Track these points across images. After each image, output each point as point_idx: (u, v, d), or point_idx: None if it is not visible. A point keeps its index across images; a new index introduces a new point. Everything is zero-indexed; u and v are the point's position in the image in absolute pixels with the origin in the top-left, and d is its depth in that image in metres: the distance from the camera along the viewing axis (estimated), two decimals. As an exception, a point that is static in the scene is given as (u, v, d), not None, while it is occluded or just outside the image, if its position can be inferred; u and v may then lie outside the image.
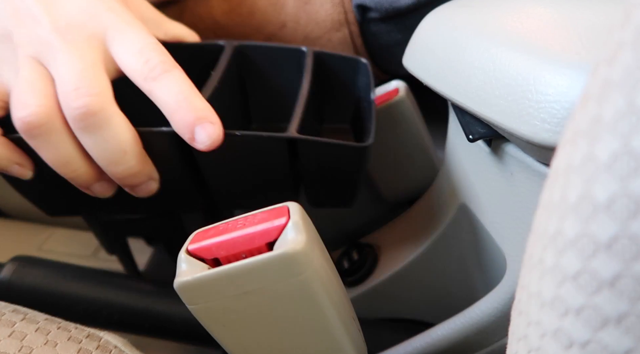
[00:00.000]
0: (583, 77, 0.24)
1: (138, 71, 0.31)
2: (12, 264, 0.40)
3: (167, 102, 0.31)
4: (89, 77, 0.30)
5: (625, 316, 0.14)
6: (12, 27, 0.32)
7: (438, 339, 0.36)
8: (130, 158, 0.31)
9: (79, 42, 0.32)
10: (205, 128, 0.31)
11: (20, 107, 0.30)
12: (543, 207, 0.18)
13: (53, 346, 0.27)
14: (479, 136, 0.31)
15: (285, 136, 0.32)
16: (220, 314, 0.24)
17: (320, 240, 0.25)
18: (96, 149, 0.31)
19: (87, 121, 0.30)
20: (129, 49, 0.32)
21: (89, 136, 0.31)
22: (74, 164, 0.32)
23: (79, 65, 0.31)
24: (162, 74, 0.31)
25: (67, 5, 0.32)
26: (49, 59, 0.31)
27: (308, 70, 0.39)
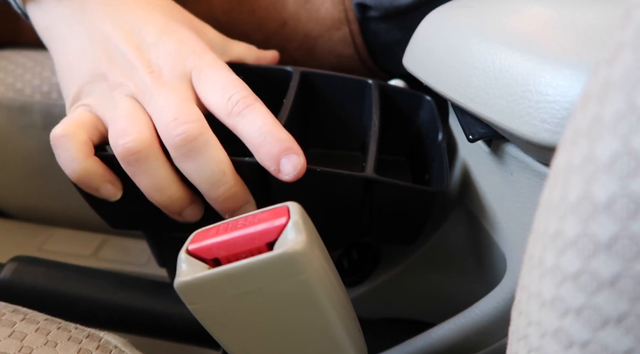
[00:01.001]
0: (583, 77, 0.24)
1: (222, 108, 0.33)
2: (12, 264, 0.40)
3: (252, 136, 0.32)
4: (185, 108, 0.32)
5: (625, 316, 0.14)
6: (105, 68, 0.35)
7: (438, 339, 0.36)
8: (229, 179, 0.32)
9: (171, 82, 0.34)
10: (290, 159, 0.32)
11: (122, 135, 0.32)
12: (543, 207, 0.18)
13: (53, 346, 0.27)
14: (479, 136, 0.31)
15: (364, 176, 0.33)
16: (220, 314, 0.24)
17: (320, 240, 0.25)
18: (198, 173, 0.32)
19: (188, 146, 0.31)
20: (212, 87, 0.34)
21: (190, 161, 0.32)
22: (169, 190, 0.33)
23: (175, 100, 0.33)
24: (245, 109, 0.33)
25: (158, 49, 0.35)
26: (146, 97, 0.33)
27: (376, 105, 0.39)
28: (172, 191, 0.33)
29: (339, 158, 0.43)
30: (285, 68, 0.41)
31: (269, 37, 0.48)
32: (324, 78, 0.41)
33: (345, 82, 0.41)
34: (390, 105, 0.41)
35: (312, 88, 0.41)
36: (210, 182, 0.32)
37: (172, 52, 0.35)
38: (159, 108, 0.33)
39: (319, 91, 0.41)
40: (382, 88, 0.41)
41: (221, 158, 0.32)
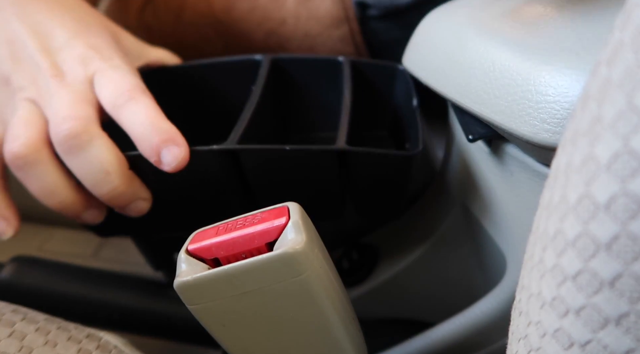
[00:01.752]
0: (583, 77, 0.24)
1: (108, 101, 0.33)
2: (12, 264, 0.40)
3: (133, 128, 0.32)
4: (76, 107, 0.32)
5: (625, 316, 0.14)
6: (10, 71, 0.34)
7: (438, 339, 0.36)
8: (113, 179, 0.32)
9: (74, 85, 0.33)
10: (170, 150, 0.32)
11: (10, 140, 0.32)
12: (543, 207, 0.18)
13: (53, 346, 0.27)
14: (479, 136, 0.31)
15: (336, 148, 0.32)
16: (220, 314, 0.24)
17: (320, 240, 0.25)
18: (80, 171, 0.32)
19: (70, 142, 0.31)
20: (106, 86, 0.34)
21: (73, 157, 0.32)
22: (60, 194, 0.33)
23: (69, 100, 0.33)
24: (129, 102, 0.33)
25: (66, 53, 0.34)
26: (46, 101, 0.33)
27: (347, 80, 0.39)
28: (63, 196, 0.33)
29: (319, 140, 0.42)
30: (254, 57, 0.40)
31: (268, 36, 0.48)
32: (294, 62, 0.41)
33: (316, 63, 0.41)
34: (364, 80, 0.41)
35: (285, 74, 0.41)
36: (93, 181, 0.32)
37: (79, 57, 0.35)
38: (53, 109, 0.32)
39: (291, 75, 0.41)
40: (354, 64, 0.40)
41: (105, 157, 0.32)
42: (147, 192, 0.34)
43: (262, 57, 0.40)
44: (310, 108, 0.42)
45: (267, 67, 0.39)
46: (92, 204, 0.34)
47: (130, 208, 0.34)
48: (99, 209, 0.35)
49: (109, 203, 0.33)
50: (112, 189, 0.32)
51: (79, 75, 0.34)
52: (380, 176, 0.34)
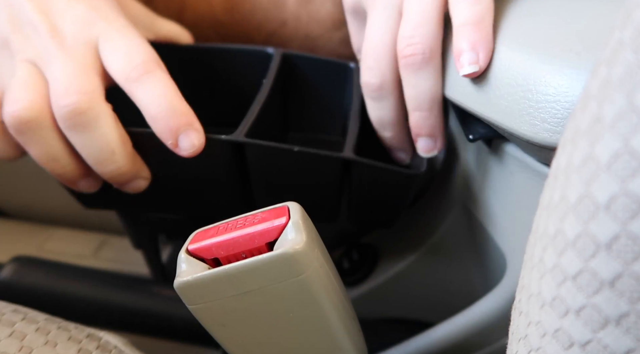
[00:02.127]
0: (583, 77, 0.24)
1: (120, 72, 0.31)
2: (12, 264, 0.40)
3: (149, 105, 0.31)
4: (80, 78, 0.31)
5: (625, 316, 0.14)
6: (9, 33, 0.33)
7: (438, 339, 0.36)
8: (118, 158, 0.31)
9: (75, 49, 0.32)
10: (189, 135, 0.31)
11: (12, 103, 0.31)
12: (543, 207, 0.18)
13: (53, 346, 0.27)
14: (479, 136, 0.31)
15: (343, 157, 0.32)
16: (220, 314, 0.24)
17: (320, 240, 0.25)
18: (85, 149, 0.31)
19: (75, 119, 0.30)
20: (115, 52, 0.32)
21: (77, 135, 0.31)
22: (61, 161, 0.32)
23: (72, 67, 0.31)
24: (145, 75, 0.31)
25: (65, 14, 0.33)
26: (46, 64, 0.32)
27: (357, 87, 0.38)
28: (64, 162, 0.32)
29: (320, 142, 0.42)
30: (266, 49, 0.40)
31: (269, 37, 0.48)
32: (305, 60, 0.41)
33: (326, 65, 0.41)
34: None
35: (293, 70, 0.41)
36: (96, 160, 0.31)
37: (80, 17, 0.33)
38: (55, 75, 0.31)
39: (300, 73, 0.41)
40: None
41: (110, 137, 0.31)
42: (148, 171, 0.34)
43: (274, 50, 0.40)
44: (313, 108, 0.42)
45: (279, 61, 0.39)
46: (91, 173, 0.33)
47: (129, 186, 0.33)
48: (95, 178, 0.34)
49: (109, 180, 0.33)
50: (116, 168, 0.32)
51: (80, 37, 0.32)
52: (381, 189, 0.34)
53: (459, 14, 0.29)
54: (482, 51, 0.28)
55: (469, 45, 0.28)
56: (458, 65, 0.29)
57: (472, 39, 0.28)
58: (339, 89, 0.41)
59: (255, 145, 0.32)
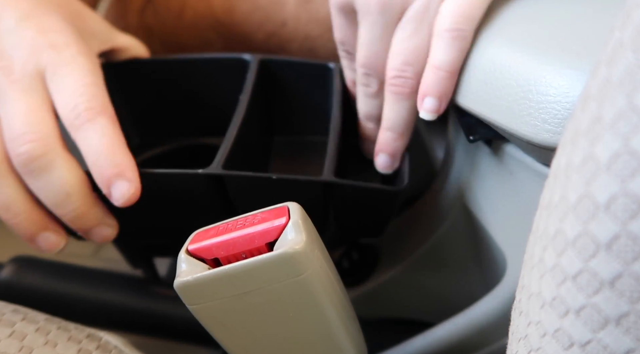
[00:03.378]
0: (583, 78, 0.24)
1: (65, 118, 0.31)
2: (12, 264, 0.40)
3: (87, 154, 0.31)
4: (34, 122, 0.31)
5: (625, 316, 0.14)
6: None
7: (438, 339, 0.36)
8: (74, 200, 0.31)
9: (23, 81, 0.32)
10: (119, 187, 0.31)
11: None
12: (543, 207, 0.18)
13: (53, 346, 0.27)
14: (479, 137, 0.31)
15: (322, 180, 0.32)
16: (220, 314, 0.24)
17: (320, 240, 0.25)
18: (42, 192, 0.31)
19: (30, 165, 0.30)
20: (61, 92, 0.32)
21: (33, 180, 0.31)
22: (15, 208, 0.32)
23: (24, 109, 0.31)
24: (85, 124, 0.31)
25: (14, 38, 0.32)
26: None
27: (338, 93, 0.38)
28: (19, 210, 0.32)
29: (305, 145, 0.42)
30: (243, 56, 0.40)
31: (269, 37, 0.48)
32: (284, 64, 0.40)
33: (306, 67, 0.41)
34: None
35: (273, 75, 0.40)
36: (53, 202, 0.31)
37: (28, 43, 0.32)
38: (8, 117, 0.31)
39: (280, 77, 0.41)
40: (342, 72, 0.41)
41: (66, 179, 0.31)
42: (112, 219, 0.33)
43: (251, 57, 0.39)
44: (297, 111, 0.42)
45: (255, 69, 0.38)
46: (50, 227, 0.33)
47: (94, 233, 0.33)
48: (57, 234, 0.33)
49: (71, 224, 0.32)
50: (73, 209, 0.31)
51: (28, 67, 0.32)
52: (365, 206, 0.35)
53: (438, 56, 0.30)
54: (445, 101, 0.31)
55: (438, 92, 0.31)
56: (419, 104, 0.31)
57: (442, 88, 0.31)
58: (321, 90, 0.41)
59: (232, 176, 0.32)
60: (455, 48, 0.30)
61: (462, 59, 0.30)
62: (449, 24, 0.30)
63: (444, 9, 0.30)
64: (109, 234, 0.34)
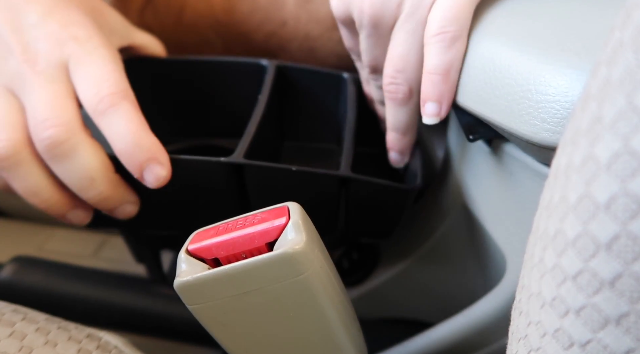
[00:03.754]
0: (583, 77, 0.24)
1: (88, 104, 0.32)
2: (12, 264, 0.41)
3: (114, 140, 0.31)
4: (57, 108, 0.31)
5: (625, 316, 0.14)
6: None
7: (438, 339, 0.36)
8: (99, 184, 0.32)
9: (48, 72, 0.32)
10: (152, 170, 0.31)
11: None
12: (543, 207, 0.18)
13: (53, 346, 0.27)
14: (479, 136, 0.31)
15: (340, 174, 0.33)
16: (220, 314, 0.24)
17: (320, 240, 0.25)
18: (66, 177, 0.32)
19: (54, 151, 0.31)
20: (85, 80, 0.32)
21: (58, 165, 0.31)
22: (44, 194, 0.32)
23: (48, 97, 0.31)
24: (109, 109, 0.31)
25: (37, 31, 0.33)
26: (21, 89, 0.32)
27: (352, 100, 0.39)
28: (47, 195, 0.32)
29: (314, 151, 0.43)
30: (260, 61, 0.40)
31: (269, 37, 0.48)
32: (299, 72, 0.41)
33: (320, 76, 0.41)
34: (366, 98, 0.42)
35: (288, 81, 0.41)
36: (78, 187, 0.32)
37: (52, 36, 0.33)
38: (32, 104, 0.31)
39: (294, 84, 0.41)
40: (358, 82, 0.41)
41: (90, 164, 0.31)
42: (134, 195, 0.34)
43: (268, 63, 0.40)
44: (308, 118, 0.43)
45: (273, 74, 0.39)
46: (78, 205, 0.34)
47: (118, 211, 0.34)
48: (84, 209, 0.34)
49: (96, 206, 0.33)
50: (98, 193, 0.32)
51: (52, 58, 0.32)
52: (377, 203, 0.35)
53: (430, 61, 0.31)
54: (445, 103, 0.31)
55: (436, 96, 0.31)
56: (422, 110, 0.32)
57: (439, 91, 0.31)
58: (333, 99, 0.42)
59: (253, 166, 0.32)
60: (442, 51, 0.30)
61: (454, 59, 0.30)
62: (434, 29, 0.30)
63: (431, 17, 0.31)
64: (132, 210, 0.34)
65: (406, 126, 0.35)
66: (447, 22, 0.30)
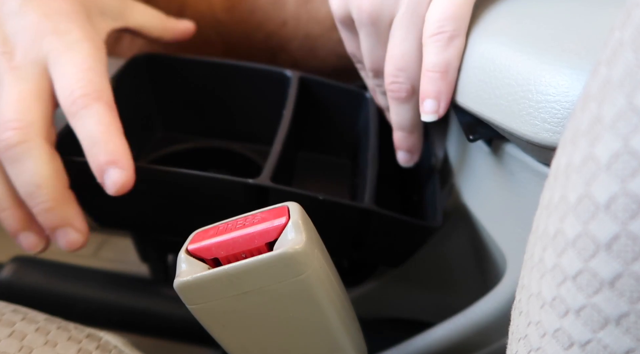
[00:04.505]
0: (583, 77, 0.24)
1: (63, 104, 0.31)
2: (12, 264, 0.41)
3: (83, 141, 0.31)
4: (20, 109, 0.30)
5: (625, 316, 0.14)
6: None
7: (438, 339, 0.36)
8: (44, 193, 0.30)
9: (22, 68, 0.31)
10: (111, 175, 0.30)
11: None
12: (543, 207, 0.18)
13: (53, 346, 0.27)
14: (479, 136, 0.31)
15: (363, 207, 0.33)
16: (220, 314, 0.24)
17: (320, 240, 0.25)
18: (15, 179, 0.31)
19: (7, 152, 0.30)
20: (59, 79, 0.31)
21: (9, 168, 0.31)
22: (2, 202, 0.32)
23: (15, 96, 0.31)
24: (82, 110, 0.30)
25: (15, 23, 0.32)
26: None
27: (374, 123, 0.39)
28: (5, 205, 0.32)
29: (327, 165, 0.43)
30: (284, 72, 0.41)
31: (269, 37, 0.48)
32: (321, 86, 0.41)
33: (342, 91, 0.42)
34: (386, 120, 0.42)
35: (309, 94, 0.41)
36: (24, 192, 0.31)
37: (31, 28, 0.31)
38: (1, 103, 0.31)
39: (315, 96, 0.42)
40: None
41: (38, 170, 0.30)
42: (82, 223, 0.32)
43: (291, 74, 0.40)
44: (326, 131, 0.43)
45: (296, 87, 0.39)
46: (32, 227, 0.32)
47: (60, 234, 0.32)
48: (38, 235, 0.33)
49: (38, 219, 0.32)
50: (41, 203, 0.31)
51: (30, 54, 0.31)
52: (396, 235, 0.35)
53: (428, 59, 0.31)
54: (444, 101, 0.31)
55: (434, 93, 0.31)
56: (420, 108, 0.32)
57: (437, 88, 0.31)
58: (352, 115, 0.42)
59: (279, 190, 0.32)
60: (440, 49, 0.30)
61: (452, 57, 0.30)
62: (432, 29, 0.30)
63: (428, 16, 0.31)
64: (76, 240, 0.32)
65: (412, 123, 0.35)
66: (445, 21, 0.30)
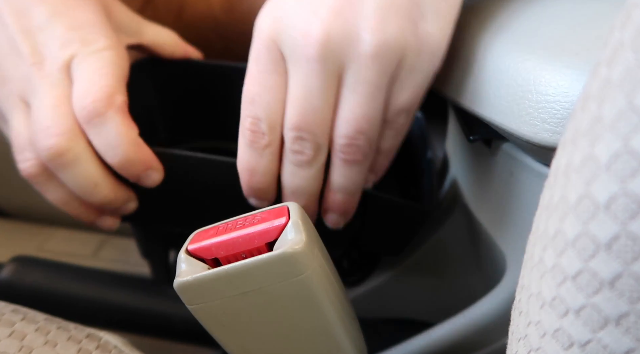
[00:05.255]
0: (583, 77, 0.24)
1: (75, 109, 0.31)
2: (12, 264, 0.41)
3: (105, 154, 0.32)
4: (57, 116, 0.31)
5: (625, 316, 0.14)
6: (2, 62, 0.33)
7: (438, 339, 0.36)
8: (102, 189, 0.33)
9: (52, 76, 0.32)
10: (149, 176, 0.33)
11: (19, 161, 0.33)
12: (543, 207, 0.18)
13: (53, 346, 0.27)
14: (479, 136, 0.31)
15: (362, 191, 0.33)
16: (220, 314, 0.24)
17: (320, 240, 0.25)
18: (70, 184, 0.32)
19: (56, 161, 0.31)
20: (77, 83, 0.32)
21: (62, 174, 0.32)
22: (72, 203, 0.34)
23: (50, 102, 0.31)
24: (95, 119, 0.31)
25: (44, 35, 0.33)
26: (30, 95, 0.32)
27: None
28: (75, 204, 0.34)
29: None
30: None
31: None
32: None
33: None
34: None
35: None
36: (83, 193, 0.33)
37: (59, 39, 0.33)
38: (35, 111, 0.32)
39: None
40: None
41: (91, 172, 0.32)
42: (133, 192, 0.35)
43: None
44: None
45: None
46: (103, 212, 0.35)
47: (122, 210, 0.35)
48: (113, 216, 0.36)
49: (101, 208, 0.34)
50: (102, 197, 0.33)
51: (57, 61, 0.32)
52: (393, 220, 0.36)
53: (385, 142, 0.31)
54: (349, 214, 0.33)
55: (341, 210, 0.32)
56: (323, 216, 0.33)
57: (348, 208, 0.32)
58: None
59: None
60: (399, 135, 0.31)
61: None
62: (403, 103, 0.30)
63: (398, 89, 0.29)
64: (133, 207, 0.35)
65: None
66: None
